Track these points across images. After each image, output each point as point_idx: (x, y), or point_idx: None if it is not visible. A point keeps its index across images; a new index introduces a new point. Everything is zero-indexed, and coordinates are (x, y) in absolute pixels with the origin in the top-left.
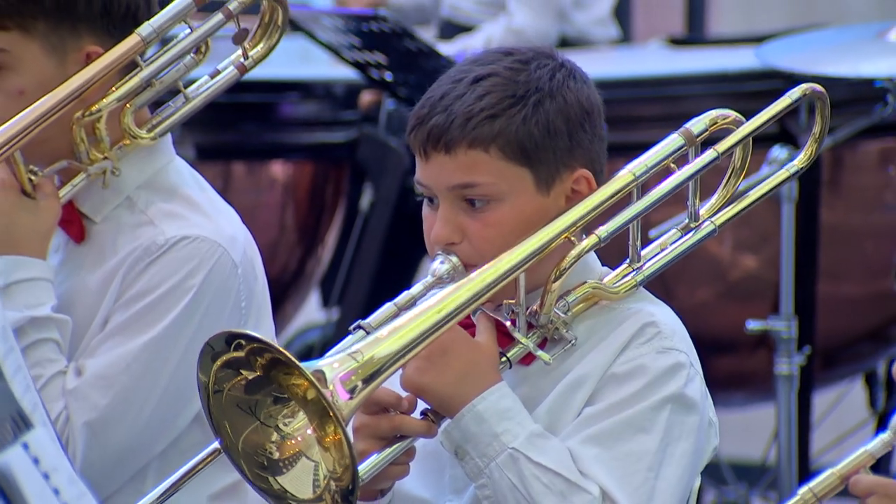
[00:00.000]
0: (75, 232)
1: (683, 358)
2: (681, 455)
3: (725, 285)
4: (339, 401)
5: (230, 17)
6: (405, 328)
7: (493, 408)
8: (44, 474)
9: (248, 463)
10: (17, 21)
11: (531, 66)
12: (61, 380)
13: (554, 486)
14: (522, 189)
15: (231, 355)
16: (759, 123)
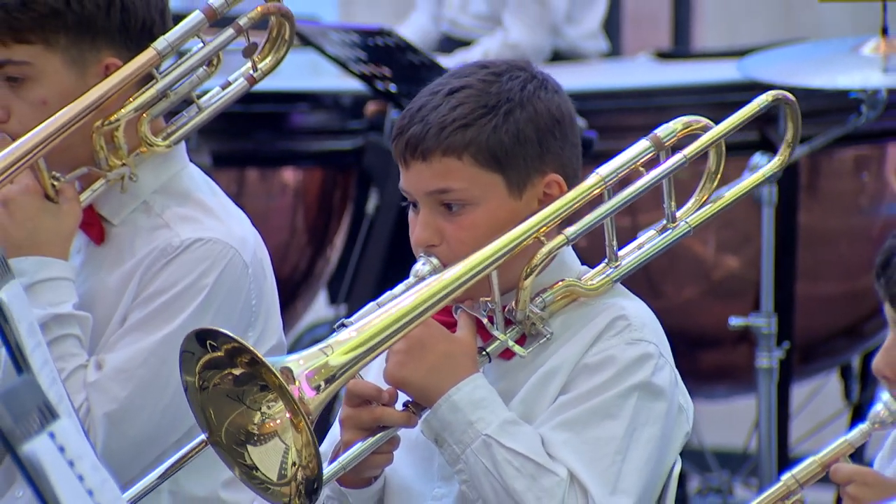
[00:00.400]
0: (95, 234)
1: (652, 349)
2: (647, 440)
3: (709, 284)
4: (306, 397)
5: (240, 32)
6: (374, 324)
7: (467, 398)
8: (69, 462)
9: (228, 440)
10: (40, 35)
11: (503, 78)
12: (83, 373)
13: (524, 469)
14: (495, 194)
15: (211, 356)
16: (727, 128)
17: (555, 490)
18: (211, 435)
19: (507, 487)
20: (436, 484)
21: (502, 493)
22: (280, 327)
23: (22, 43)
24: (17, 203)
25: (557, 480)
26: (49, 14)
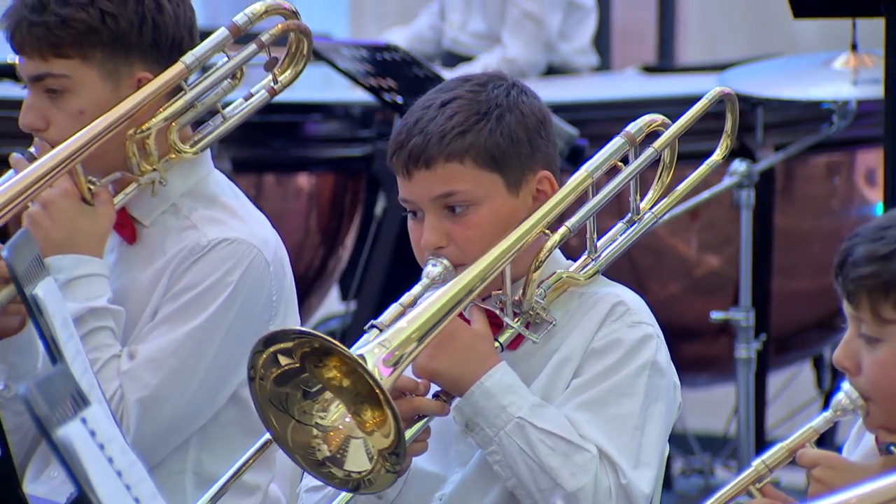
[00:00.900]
0: (127, 234)
1: (651, 329)
2: (659, 414)
3: (692, 281)
4: (383, 375)
5: (262, 47)
6: (421, 318)
7: (498, 384)
8: (99, 445)
9: (304, 459)
10: (77, 51)
11: (488, 87)
12: (116, 362)
13: (558, 448)
14: (496, 192)
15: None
16: (684, 122)
17: (588, 465)
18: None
19: (542, 465)
20: (454, 469)
21: (538, 470)
22: (298, 321)
23: (61, 57)
24: (56, 205)
25: (590, 457)
26: (86, 31)
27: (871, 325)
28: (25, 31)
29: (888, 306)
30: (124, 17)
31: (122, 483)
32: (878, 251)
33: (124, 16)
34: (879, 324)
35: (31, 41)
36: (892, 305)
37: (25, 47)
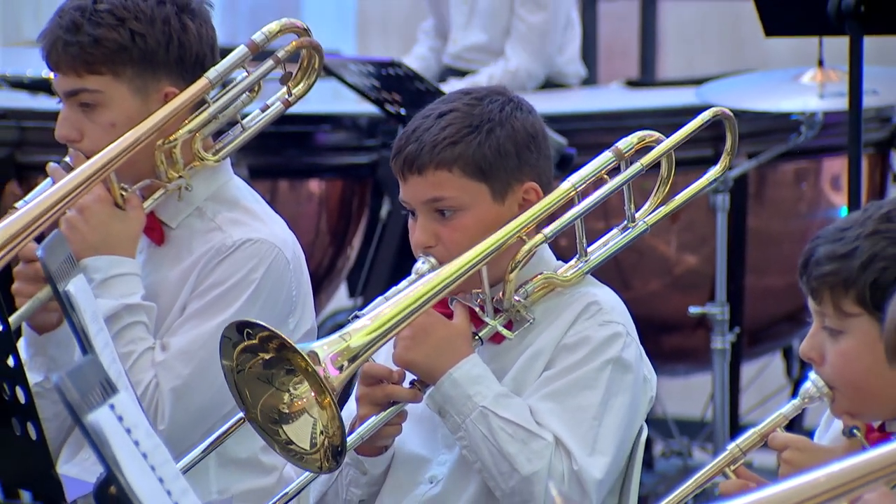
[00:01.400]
0: (156, 236)
1: (620, 328)
2: (619, 407)
3: (672, 278)
4: (330, 376)
5: (278, 63)
6: (385, 315)
7: (466, 375)
8: (127, 429)
9: (263, 420)
10: (109, 68)
11: (484, 102)
12: (150, 354)
13: (516, 435)
14: (481, 200)
15: (246, 343)
16: (676, 140)
17: (543, 452)
18: (248, 413)
19: (502, 451)
20: (440, 451)
21: (498, 455)
22: (313, 315)
23: (94, 74)
24: (92, 211)
25: (545, 444)
26: (118, 49)
27: (834, 319)
28: (61, 50)
29: (848, 301)
30: (152, 37)
31: (147, 464)
32: (837, 251)
33: (152, 35)
34: (841, 317)
35: (66, 59)
36: (853, 300)
37: (61, 65)
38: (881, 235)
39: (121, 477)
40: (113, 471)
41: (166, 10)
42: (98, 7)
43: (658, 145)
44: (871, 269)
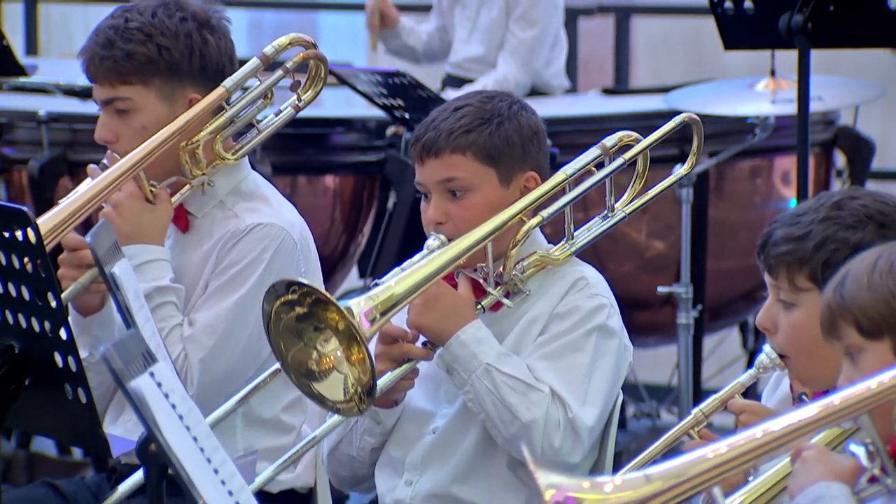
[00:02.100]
0: (182, 225)
1: (605, 300)
2: (605, 367)
3: (642, 261)
4: (363, 328)
5: (287, 73)
6: (407, 279)
7: (471, 337)
8: (165, 394)
9: (295, 373)
10: (140, 78)
11: (495, 100)
12: (179, 330)
13: (517, 388)
14: (489, 183)
15: (287, 297)
16: (653, 139)
17: (541, 402)
18: (283, 364)
19: (504, 402)
20: (442, 406)
21: (500, 406)
22: None
23: (126, 84)
24: (125, 205)
25: (543, 395)
26: (146, 62)
27: (788, 293)
28: (97, 63)
29: (801, 277)
30: (176, 50)
31: (182, 424)
32: (793, 233)
33: (176, 48)
34: (794, 292)
35: (102, 72)
36: (805, 277)
37: (98, 77)
38: (832, 221)
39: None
40: (153, 430)
41: (188, 25)
42: (129, 25)
43: (637, 144)
44: (823, 249)
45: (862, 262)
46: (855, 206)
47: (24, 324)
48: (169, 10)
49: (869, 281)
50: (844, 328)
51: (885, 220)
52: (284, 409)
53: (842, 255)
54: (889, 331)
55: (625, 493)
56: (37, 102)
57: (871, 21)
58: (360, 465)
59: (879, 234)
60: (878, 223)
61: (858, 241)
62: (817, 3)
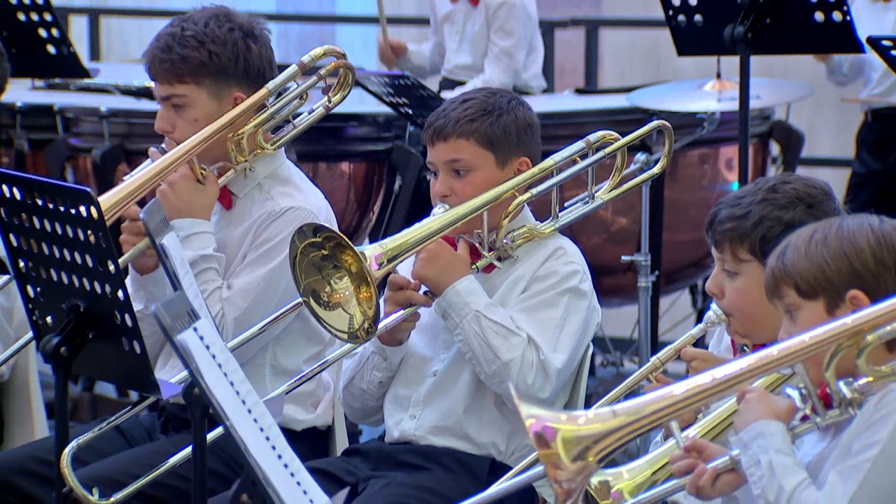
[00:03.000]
0: (226, 203)
1: (578, 268)
2: (575, 322)
3: (609, 234)
4: (373, 269)
5: (320, 78)
6: (411, 235)
7: (465, 288)
8: (206, 346)
9: (310, 298)
10: (193, 78)
11: (497, 96)
12: (219, 292)
13: (500, 332)
14: (488, 165)
15: (313, 239)
16: (630, 139)
17: (519, 345)
18: (302, 295)
19: (488, 343)
20: (440, 352)
21: (485, 346)
22: None
23: (181, 83)
24: (179, 185)
25: (521, 340)
26: (199, 65)
27: (731, 264)
28: (158, 65)
29: (743, 250)
30: (224, 55)
31: (221, 372)
32: (736, 213)
33: (224, 54)
34: (737, 262)
35: (162, 72)
36: (746, 250)
37: (158, 76)
38: (768, 202)
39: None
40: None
41: (235, 35)
42: (185, 33)
43: (616, 142)
44: (761, 226)
45: (800, 236)
46: (787, 189)
47: (88, 287)
48: (219, 21)
49: (806, 251)
50: (785, 290)
51: (813, 201)
52: (306, 361)
53: (776, 231)
54: (822, 292)
55: (594, 424)
56: (98, 100)
57: (800, 31)
58: (369, 397)
59: (808, 213)
60: (806, 204)
61: (790, 220)
62: (756, 17)
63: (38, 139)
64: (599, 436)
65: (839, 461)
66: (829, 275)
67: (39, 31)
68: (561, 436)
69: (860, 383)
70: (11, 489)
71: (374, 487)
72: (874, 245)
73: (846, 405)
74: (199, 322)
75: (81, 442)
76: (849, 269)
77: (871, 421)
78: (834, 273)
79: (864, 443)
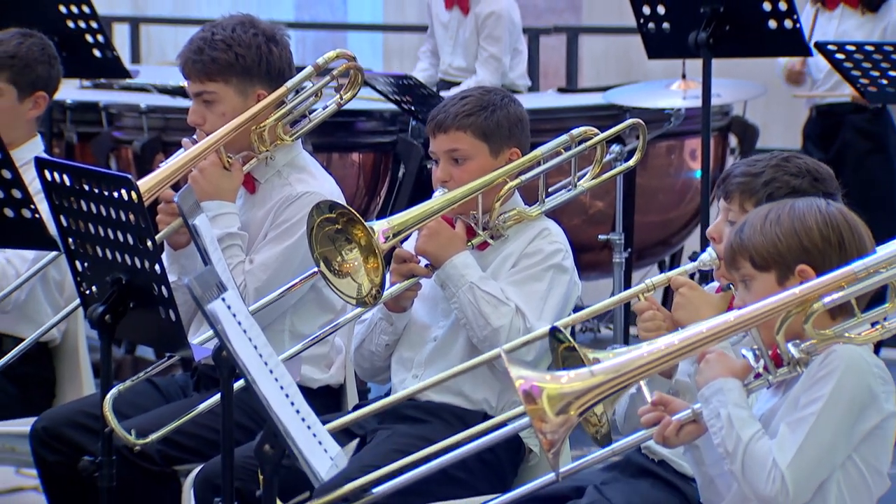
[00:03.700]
0: (250, 188)
1: (561, 246)
2: (558, 294)
3: (587, 216)
4: (380, 242)
5: (333, 78)
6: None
7: (461, 262)
8: (233, 314)
9: (323, 266)
10: (221, 77)
11: (492, 94)
12: (242, 266)
13: (491, 301)
14: (483, 155)
15: (328, 215)
16: (608, 134)
17: (508, 313)
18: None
19: (481, 311)
20: (439, 319)
21: (478, 314)
22: None
23: (211, 81)
24: (208, 171)
25: (509, 309)
26: (226, 66)
27: (736, 214)
28: (191, 65)
29: (749, 203)
30: (249, 57)
31: (246, 336)
32: (750, 171)
33: (249, 56)
34: (741, 213)
35: (194, 72)
36: (752, 203)
37: (191, 75)
38: (780, 168)
39: (229, 344)
40: (224, 341)
41: (258, 39)
42: (214, 37)
43: (595, 137)
44: (770, 185)
45: (757, 214)
46: (800, 162)
47: (128, 261)
48: (244, 27)
49: (762, 228)
50: (741, 262)
51: (819, 176)
52: (319, 328)
53: (782, 193)
54: (774, 265)
55: (575, 383)
56: (138, 98)
57: (756, 37)
58: (377, 358)
59: (813, 185)
60: (813, 177)
61: (797, 186)
62: (717, 24)
63: (85, 132)
64: (580, 392)
65: (788, 414)
66: (780, 250)
67: (87, 38)
68: (546, 393)
69: (806, 345)
70: (62, 439)
71: (380, 438)
72: (821, 225)
73: (794, 364)
74: (227, 293)
75: (122, 389)
76: (798, 246)
77: (816, 378)
78: (785, 249)
79: (810, 398)
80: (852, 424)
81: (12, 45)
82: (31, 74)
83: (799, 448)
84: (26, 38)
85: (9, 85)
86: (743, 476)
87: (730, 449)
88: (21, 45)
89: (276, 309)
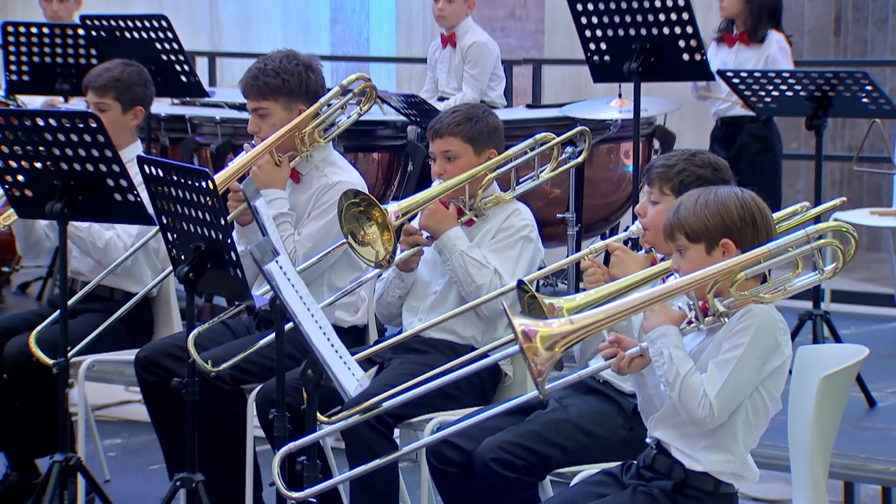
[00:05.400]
0: (295, 179)
1: (529, 223)
2: (526, 259)
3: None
4: (392, 220)
5: (354, 95)
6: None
7: (454, 235)
8: (284, 273)
9: (350, 238)
10: (272, 97)
11: (476, 108)
12: (292, 237)
13: (476, 265)
14: (469, 154)
15: (353, 199)
16: (563, 138)
17: (488, 274)
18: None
19: (468, 272)
20: (438, 277)
21: (466, 275)
22: None
23: (265, 100)
24: (264, 167)
25: (490, 271)
26: (276, 88)
27: (656, 195)
28: (249, 88)
29: (667, 188)
30: (293, 82)
31: (294, 290)
32: (667, 163)
33: (293, 81)
34: (660, 195)
35: (251, 93)
36: (668, 188)
37: (249, 95)
38: (690, 161)
39: (281, 296)
40: (277, 293)
41: (299, 68)
42: (266, 67)
43: (553, 140)
44: (682, 174)
45: (690, 196)
46: (703, 157)
47: (207, 234)
48: (289, 59)
49: (693, 209)
50: (678, 235)
51: (717, 167)
52: (350, 282)
53: (690, 180)
54: (703, 238)
55: (562, 327)
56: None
57: (674, 66)
58: (392, 306)
59: (714, 175)
60: (713, 168)
61: (702, 175)
62: (644, 57)
63: (174, 137)
64: (564, 334)
65: (712, 355)
66: (708, 226)
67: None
68: (539, 335)
69: (728, 301)
70: (158, 365)
71: (393, 364)
72: (739, 207)
73: (719, 316)
74: (280, 257)
75: (201, 329)
76: (721, 224)
77: (736, 329)
78: (712, 225)
79: (732, 344)
80: (761, 365)
81: (116, 72)
82: (131, 93)
83: (724, 383)
84: (127, 66)
85: (114, 101)
86: (680, 402)
87: (670, 380)
88: (123, 72)
89: (317, 269)
